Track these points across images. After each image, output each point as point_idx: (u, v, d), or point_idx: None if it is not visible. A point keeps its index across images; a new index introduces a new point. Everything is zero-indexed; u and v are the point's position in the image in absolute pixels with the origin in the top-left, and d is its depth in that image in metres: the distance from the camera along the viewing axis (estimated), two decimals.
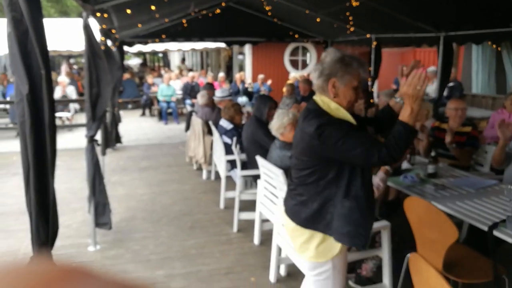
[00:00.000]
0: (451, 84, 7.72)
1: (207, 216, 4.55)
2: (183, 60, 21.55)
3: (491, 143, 4.74)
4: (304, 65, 12.93)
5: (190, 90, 10.55)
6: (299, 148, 2.03)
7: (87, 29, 3.61)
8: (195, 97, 9.79)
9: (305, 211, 2.00)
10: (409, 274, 2.97)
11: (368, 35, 7.93)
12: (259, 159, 3.50)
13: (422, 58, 10.56)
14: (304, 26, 8.81)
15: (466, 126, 4.12)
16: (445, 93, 7.28)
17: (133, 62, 23.03)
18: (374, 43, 7.94)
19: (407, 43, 7.46)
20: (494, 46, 7.73)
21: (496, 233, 2.37)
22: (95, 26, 4.58)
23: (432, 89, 8.00)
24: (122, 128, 9.13)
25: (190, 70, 15.71)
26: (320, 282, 2.07)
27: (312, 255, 2.01)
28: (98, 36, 4.99)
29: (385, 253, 2.85)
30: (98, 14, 4.66)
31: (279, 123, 3.27)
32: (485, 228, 2.41)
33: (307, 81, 7.26)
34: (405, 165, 3.54)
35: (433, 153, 3.37)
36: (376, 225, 2.77)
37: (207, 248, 3.81)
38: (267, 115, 4.24)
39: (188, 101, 10.31)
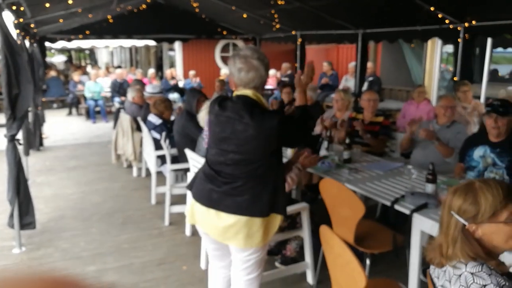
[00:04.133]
0: (370, 78, 8.30)
1: (139, 212, 4.58)
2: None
3: (403, 131, 5.21)
4: None
5: (119, 88, 10.32)
6: (252, 143, 2.03)
7: (2, 24, 3.49)
8: (124, 95, 9.62)
9: (260, 201, 2.07)
10: None
11: (293, 32, 8.28)
12: (188, 152, 3.61)
13: (345, 54, 11.20)
14: (232, 23, 8.99)
15: (378, 116, 4.52)
16: (365, 87, 7.83)
17: (58, 59, 21.86)
18: (299, 40, 8.31)
19: (329, 40, 7.90)
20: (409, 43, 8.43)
21: (396, 206, 2.69)
22: (10, 20, 4.41)
23: (353, 83, 8.54)
24: (48, 128, 8.76)
25: (119, 67, 15.29)
26: (257, 261, 2.22)
27: (259, 240, 2.10)
28: (14, 31, 4.80)
29: (305, 232, 3.09)
30: (14, 7, 4.49)
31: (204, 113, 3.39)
32: (389, 203, 2.73)
33: None
34: (323, 152, 3.83)
35: (347, 141, 3.69)
36: (296, 206, 3.01)
37: (140, 242, 3.86)
38: (196, 108, 4.34)
39: (116, 99, 10.08)
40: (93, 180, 5.68)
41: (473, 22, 5.15)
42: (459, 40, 5.33)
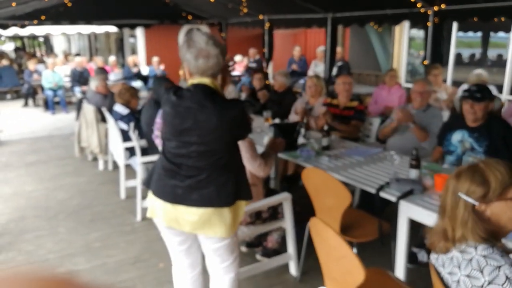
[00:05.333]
0: (339, 63, 8.27)
1: (108, 207, 4.34)
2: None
3: (376, 116, 5.19)
4: None
5: (79, 77, 9.83)
6: (215, 133, 1.94)
7: None
8: (84, 84, 9.16)
9: (225, 190, 2.00)
10: (311, 240, 3.19)
11: (260, 17, 8.10)
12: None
13: (313, 39, 11.12)
14: (197, 7, 8.70)
15: (353, 101, 4.47)
16: (334, 72, 7.79)
17: (8, 47, 20.63)
18: (267, 24, 8.14)
19: (298, 24, 7.78)
20: (376, 27, 8.41)
21: (382, 194, 2.63)
22: None
23: (322, 68, 8.49)
24: (2, 121, 8.25)
25: (77, 55, 14.61)
26: (227, 248, 2.16)
27: (227, 228, 2.03)
28: None
29: (288, 223, 2.99)
30: None
31: None
32: (373, 191, 2.67)
33: None
34: (301, 140, 3.73)
35: (325, 127, 3.60)
36: (278, 197, 2.90)
37: (111, 240, 3.65)
38: None
39: (77, 89, 9.60)
40: (56, 176, 5.36)
41: (442, 6, 5.16)
42: (429, 24, 5.34)
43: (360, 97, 4.74)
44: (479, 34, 12.29)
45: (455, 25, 6.68)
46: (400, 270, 2.60)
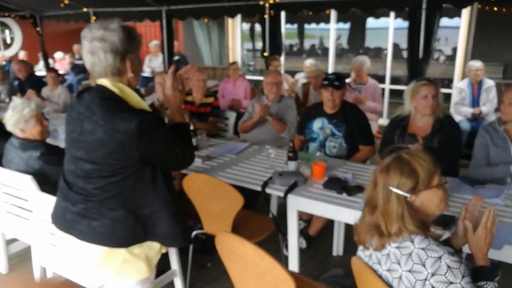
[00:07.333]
0: (176, 57, 8.04)
1: None
2: None
3: (227, 109, 5.18)
4: (7, 44, 11.01)
5: None
6: (102, 150, 1.55)
7: None
8: None
9: (123, 228, 1.59)
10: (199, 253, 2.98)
11: (85, 9, 7.31)
12: None
13: (144, 32, 10.57)
14: None
15: (208, 97, 4.35)
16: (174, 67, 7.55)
17: None
18: (93, 18, 7.40)
19: (128, 17, 7.25)
20: (206, 20, 8.43)
21: (268, 190, 2.58)
22: None
23: (158, 63, 8.17)
24: None
25: None
26: None
27: (140, 269, 1.67)
28: None
29: None
30: None
31: (18, 116, 2.56)
32: (259, 189, 2.59)
33: (23, 62, 6.15)
34: None
35: (192, 127, 3.39)
36: None
37: None
38: None
39: None
40: None
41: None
42: (266, 16, 5.56)
43: (214, 93, 4.66)
44: (295, 26, 13.57)
45: (283, 17, 7.14)
46: (294, 262, 2.61)
